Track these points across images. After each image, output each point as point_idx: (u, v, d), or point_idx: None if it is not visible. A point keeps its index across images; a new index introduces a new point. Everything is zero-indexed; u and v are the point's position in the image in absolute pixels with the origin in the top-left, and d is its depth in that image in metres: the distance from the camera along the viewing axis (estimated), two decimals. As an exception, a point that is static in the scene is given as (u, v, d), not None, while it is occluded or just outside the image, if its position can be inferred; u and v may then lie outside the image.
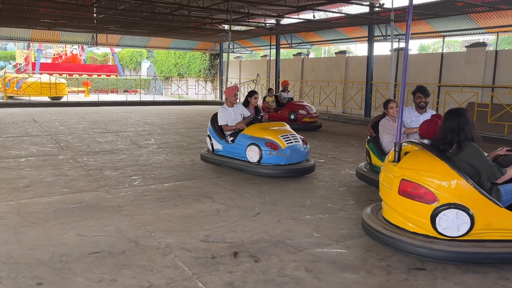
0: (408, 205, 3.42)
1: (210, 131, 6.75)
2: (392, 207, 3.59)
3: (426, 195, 3.32)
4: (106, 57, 39.86)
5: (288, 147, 6.00)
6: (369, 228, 3.64)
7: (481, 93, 11.68)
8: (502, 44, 24.29)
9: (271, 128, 6.31)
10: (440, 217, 3.27)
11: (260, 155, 6.01)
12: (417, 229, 3.40)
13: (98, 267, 3.16)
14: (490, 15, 11.47)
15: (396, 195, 3.49)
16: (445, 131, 3.51)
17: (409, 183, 3.40)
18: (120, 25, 15.92)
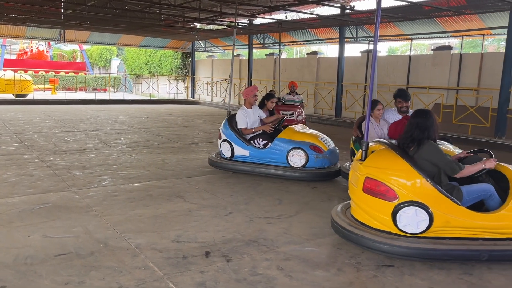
0: (371, 202, 3.53)
1: (230, 136, 6.17)
2: (358, 204, 3.68)
3: (388, 192, 3.42)
4: (74, 54, 38.86)
5: (329, 150, 5.96)
6: (336, 225, 3.71)
7: (447, 95, 12.06)
8: (466, 47, 25.16)
9: (305, 131, 6.16)
10: (400, 214, 3.37)
11: (306, 159, 5.82)
12: (380, 226, 3.50)
13: (65, 269, 3.08)
14: (455, 19, 11.86)
15: (361, 192, 3.60)
16: (410, 128, 3.63)
17: (372, 181, 3.51)
18: (89, 22, 15.53)
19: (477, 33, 12.66)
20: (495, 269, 3.33)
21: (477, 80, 11.51)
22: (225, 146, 6.24)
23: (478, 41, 23.06)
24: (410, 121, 3.69)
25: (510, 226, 3.39)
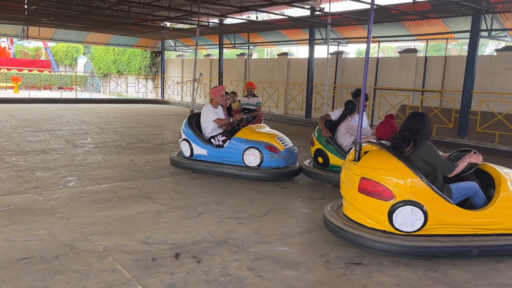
0: (367, 202, 3.58)
1: (189, 135, 6.21)
2: (352, 204, 3.73)
3: (384, 192, 3.50)
4: (38, 51, 37.61)
5: (285, 150, 5.96)
6: (330, 224, 3.76)
7: (412, 96, 12.40)
8: (431, 51, 25.98)
9: (263, 131, 6.17)
10: (396, 214, 3.46)
11: (261, 158, 5.82)
12: (375, 225, 3.58)
13: (28, 273, 2.97)
14: (420, 23, 12.22)
15: (356, 192, 3.65)
16: (405, 129, 3.73)
17: (368, 181, 3.57)
18: (54, 18, 15.06)
19: (441, 37, 13.09)
20: (459, 265, 3.45)
21: (441, 82, 11.90)
22: (184, 145, 6.27)
23: (442, 44, 23.84)
24: (405, 123, 3.79)
25: (497, 222, 3.56)
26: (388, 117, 4.58)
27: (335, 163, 5.67)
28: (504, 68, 10.60)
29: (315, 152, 5.92)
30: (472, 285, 3.13)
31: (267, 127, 6.45)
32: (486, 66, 10.89)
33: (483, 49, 28.08)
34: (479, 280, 3.21)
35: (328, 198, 5.23)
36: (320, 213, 4.62)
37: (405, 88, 12.52)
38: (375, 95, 13.27)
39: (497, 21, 10.78)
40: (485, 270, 3.39)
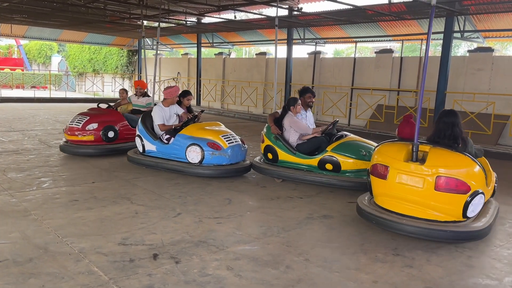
0: (443, 198, 3.84)
1: (141, 131, 6.43)
2: (421, 202, 3.92)
3: (463, 186, 3.82)
4: (10, 49, 36.58)
5: (229, 147, 5.99)
6: (404, 225, 3.91)
7: (389, 96, 12.61)
8: (406, 51, 26.48)
9: (210, 128, 6.23)
10: (472, 204, 3.85)
11: (202, 155, 5.89)
12: (448, 217, 3.91)
13: (1, 277, 2.89)
14: (396, 24, 12.44)
15: (432, 191, 3.85)
16: (448, 127, 4.18)
17: (446, 178, 3.83)
18: (27, 15, 14.68)
19: (416, 38, 13.35)
20: (433, 261, 3.53)
21: (416, 82, 12.14)
22: (137, 141, 6.54)
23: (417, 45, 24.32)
24: (445, 121, 4.20)
25: None
26: (408, 116, 4.72)
27: (284, 159, 5.90)
28: (476, 69, 10.89)
29: (264, 148, 6.11)
30: (447, 280, 3.21)
31: (221, 125, 6.55)
32: (459, 67, 11.17)
33: (456, 50, 28.79)
34: (453, 276, 3.29)
35: (307, 197, 5.27)
36: (298, 211, 4.65)
37: (381, 88, 12.72)
38: (352, 95, 13.43)
39: (469, 22, 11.07)
40: (458, 266, 3.48)
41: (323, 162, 5.61)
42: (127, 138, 7.47)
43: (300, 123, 5.86)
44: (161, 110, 6.39)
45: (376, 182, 4.27)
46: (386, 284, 3.09)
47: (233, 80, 17.58)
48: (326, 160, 5.59)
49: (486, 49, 11.07)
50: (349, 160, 5.49)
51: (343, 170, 5.52)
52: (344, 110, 13.41)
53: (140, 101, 8.24)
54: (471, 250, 3.82)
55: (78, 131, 7.10)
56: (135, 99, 8.33)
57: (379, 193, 4.28)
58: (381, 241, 3.93)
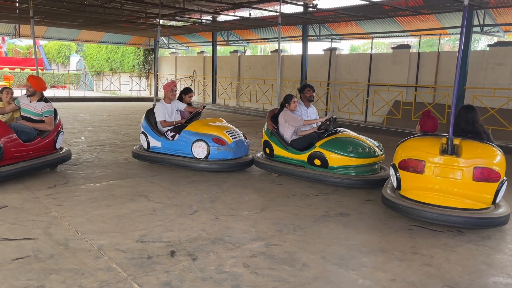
0: (480, 187, 4.09)
1: (146, 128, 6.57)
2: (459, 193, 4.14)
3: (496, 175, 4.09)
4: (31, 50, 37.28)
5: (233, 142, 6.17)
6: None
7: (406, 92, 12.45)
8: (424, 46, 26.06)
9: (214, 124, 6.41)
10: (501, 190, 4.16)
11: (208, 150, 6.05)
12: (481, 205, 4.16)
13: (23, 273, 2.96)
14: (413, 19, 12.26)
15: (470, 181, 4.09)
16: (474, 121, 4.43)
17: (482, 169, 4.08)
18: (46, 16, 14.94)
19: (434, 33, 13.14)
20: (453, 260, 3.48)
21: (434, 77, 11.95)
22: (142, 138, 6.64)
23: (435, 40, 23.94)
24: (466, 120, 4.43)
25: None
26: (427, 112, 4.89)
27: (279, 154, 6.11)
28: (496, 63, 10.67)
29: (263, 143, 6.33)
30: (466, 279, 3.16)
31: (223, 121, 6.69)
32: (479, 62, 10.95)
33: (476, 45, 28.23)
34: (473, 274, 3.24)
35: (323, 195, 5.25)
36: (314, 209, 4.64)
37: (398, 84, 12.56)
38: (369, 91, 13.30)
39: (489, 16, 10.84)
40: (478, 264, 3.42)
41: (312, 158, 5.73)
42: (20, 157, 5.36)
43: (292, 116, 6.00)
44: (163, 106, 6.51)
45: (408, 176, 4.36)
46: (404, 283, 3.06)
47: (248, 78, 17.59)
48: (314, 156, 5.70)
49: (506, 43, 10.83)
50: (336, 156, 5.56)
51: (331, 166, 5.60)
52: (361, 106, 13.30)
53: (33, 107, 5.81)
54: (491, 248, 3.75)
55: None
56: (25, 102, 5.83)
57: (412, 187, 4.39)
58: (398, 239, 3.89)
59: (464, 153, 4.14)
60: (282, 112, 6.11)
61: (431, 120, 4.76)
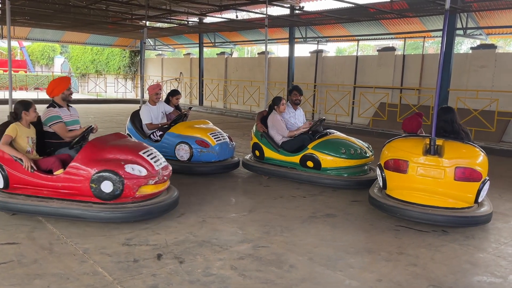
0: (462, 186, 4.18)
1: (130, 130, 6.52)
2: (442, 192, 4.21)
3: (477, 175, 4.17)
4: (14, 51, 36.67)
5: (217, 144, 6.07)
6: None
7: (391, 94, 12.58)
8: (409, 49, 26.40)
9: (198, 126, 6.34)
10: (483, 190, 4.23)
11: (190, 153, 6.01)
12: (464, 204, 4.24)
13: (6, 278, 2.91)
14: (398, 22, 12.40)
15: (452, 181, 4.17)
16: (454, 121, 4.56)
17: (464, 169, 4.17)
18: (30, 17, 14.72)
19: (418, 35, 13.30)
20: (438, 260, 3.52)
21: (419, 80, 12.10)
22: None
23: (419, 43, 24.26)
24: (445, 119, 4.56)
25: None
26: (417, 115, 5.05)
27: (270, 156, 6.07)
28: (479, 66, 10.85)
29: (252, 146, 6.31)
30: (451, 278, 3.20)
31: (209, 123, 6.64)
32: (462, 64, 11.13)
33: (459, 47, 28.69)
34: (457, 274, 3.28)
35: (310, 196, 5.27)
36: (301, 210, 4.65)
37: (384, 86, 12.69)
38: (355, 93, 13.41)
39: (472, 19, 11.02)
40: (463, 264, 3.47)
41: (304, 160, 5.74)
42: None
43: (279, 123, 5.99)
44: (148, 109, 6.46)
45: (393, 176, 4.44)
46: (390, 283, 3.08)
47: (235, 80, 17.58)
48: (307, 158, 5.72)
49: (489, 46, 11.03)
50: (329, 158, 5.59)
51: (324, 168, 5.62)
52: (347, 108, 13.39)
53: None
54: (475, 248, 3.81)
55: None
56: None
57: (396, 186, 4.46)
58: (384, 240, 3.93)
59: (446, 153, 4.23)
60: (271, 115, 6.11)
61: (409, 122, 4.93)
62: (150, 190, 4.14)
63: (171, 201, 4.29)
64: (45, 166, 4.14)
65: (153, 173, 4.12)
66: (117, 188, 3.91)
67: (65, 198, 4.05)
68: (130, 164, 4.03)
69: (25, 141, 4.22)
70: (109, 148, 4.20)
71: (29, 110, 4.36)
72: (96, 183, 3.92)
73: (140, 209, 4.00)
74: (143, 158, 4.17)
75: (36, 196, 4.11)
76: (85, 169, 3.98)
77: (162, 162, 4.36)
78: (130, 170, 3.98)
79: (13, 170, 4.08)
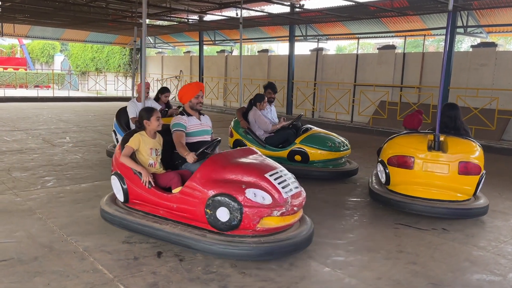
0: (464, 180, 4.40)
1: (115, 126, 6.69)
2: (446, 186, 4.42)
3: (478, 168, 4.41)
4: (14, 49, 36.65)
5: None
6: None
7: (391, 92, 12.58)
8: (409, 47, 26.36)
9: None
10: (482, 182, 4.47)
11: None
12: (464, 197, 4.47)
13: (6, 276, 2.91)
14: (398, 20, 12.39)
15: (456, 175, 4.37)
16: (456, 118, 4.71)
17: (467, 163, 4.39)
18: (30, 15, 14.70)
19: (419, 33, 13.30)
20: (437, 258, 3.53)
21: (419, 78, 12.10)
22: (113, 135, 6.81)
23: (419, 41, 24.22)
24: (449, 115, 4.74)
25: None
26: (417, 112, 5.23)
27: None
28: (479, 64, 10.85)
29: (234, 142, 6.39)
30: (450, 277, 3.20)
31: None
32: (462, 62, 11.12)
33: (459, 45, 28.65)
34: (457, 272, 3.29)
35: (310, 194, 5.26)
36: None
37: (384, 84, 12.68)
38: (355, 91, 13.40)
39: (472, 17, 11.01)
40: (462, 262, 3.48)
41: (292, 154, 5.92)
42: None
43: (262, 119, 6.10)
44: (134, 105, 6.59)
45: (398, 172, 4.59)
46: (390, 281, 3.09)
47: (235, 78, 17.56)
48: (295, 152, 5.90)
49: (489, 44, 11.02)
50: (317, 151, 5.82)
51: (311, 161, 5.84)
52: (347, 107, 13.39)
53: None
54: (474, 246, 3.82)
55: None
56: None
57: (401, 182, 4.62)
58: (384, 238, 3.93)
59: (449, 148, 4.41)
60: (252, 111, 6.18)
61: (410, 118, 5.09)
62: (275, 222, 3.31)
63: (300, 239, 3.39)
64: (164, 182, 3.66)
65: (280, 202, 3.29)
66: (235, 218, 3.19)
67: (180, 221, 3.52)
68: (253, 189, 3.25)
69: (148, 153, 3.79)
70: (231, 167, 3.44)
71: (151, 118, 3.83)
72: (211, 208, 3.26)
73: (260, 247, 3.21)
74: (269, 182, 3.33)
75: (154, 214, 3.65)
76: (200, 190, 3.36)
77: (293, 188, 3.47)
78: (251, 196, 3.21)
79: (132, 184, 3.72)
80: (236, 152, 3.75)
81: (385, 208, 4.72)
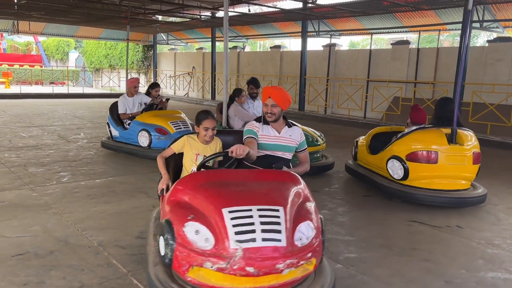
0: (474, 169, 4.76)
1: (109, 119, 7.21)
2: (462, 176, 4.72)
3: (480, 157, 4.81)
4: (29, 46, 37.16)
5: (176, 132, 6.51)
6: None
7: (405, 88, 12.44)
8: (423, 42, 26.02)
9: (162, 115, 6.91)
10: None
11: (150, 139, 6.58)
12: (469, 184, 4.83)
13: (22, 269, 2.97)
14: (413, 14, 12.23)
15: (471, 165, 4.70)
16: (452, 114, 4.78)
17: (478, 153, 4.80)
18: (45, 12, 14.90)
19: (433, 28, 13.12)
20: (451, 255, 3.49)
21: (433, 73, 11.94)
22: (107, 128, 7.34)
23: (434, 36, 23.90)
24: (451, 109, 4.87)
25: None
26: (415, 107, 5.30)
27: None
28: (495, 59, 10.66)
29: None
30: (464, 275, 3.17)
31: (181, 114, 7.17)
32: (478, 57, 10.94)
33: (475, 40, 28.19)
34: (471, 270, 3.25)
35: (320, 189, 5.25)
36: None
37: (397, 80, 12.55)
38: (368, 87, 13.29)
39: (488, 12, 10.82)
40: (476, 260, 3.44)
41: None
42: None
43: (242, 112, 6.09)
44: (124, 100, 7.08)
45: (419, 167, 4.71)
46: (403, 278, 3.07)
47: (247, 74, 17.55)
48: None
49: (506, 39, 10.82)
50: None
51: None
52: (360, 103, 13.29)
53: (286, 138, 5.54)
54: (489, 244, 3.77)
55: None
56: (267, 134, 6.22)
57: (422, 176, 4.74)
58: (397, 235, 3.91)
59: (464, 141, 4.71)
60: (232, 106, 6.13)
61: (419, 113, 5.16)
62: (214, 279, 2.25)
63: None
64: None
65: (221, 252, 2.23)
66: (166, 255, 2.38)
67: None
68: (199, 224, 2.33)
69: (192, 159, 3.26)
70: (203, 189, 2.59)
71: (200, 125, 3.24)
72: (158, 234, 2.56)
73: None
74: (222, 220, 2.30)
75: None
76: (163, 209, 2.79)
77: (258, 237, 2.23)
78: (190, 232, 2.31)
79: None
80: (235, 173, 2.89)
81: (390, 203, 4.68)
